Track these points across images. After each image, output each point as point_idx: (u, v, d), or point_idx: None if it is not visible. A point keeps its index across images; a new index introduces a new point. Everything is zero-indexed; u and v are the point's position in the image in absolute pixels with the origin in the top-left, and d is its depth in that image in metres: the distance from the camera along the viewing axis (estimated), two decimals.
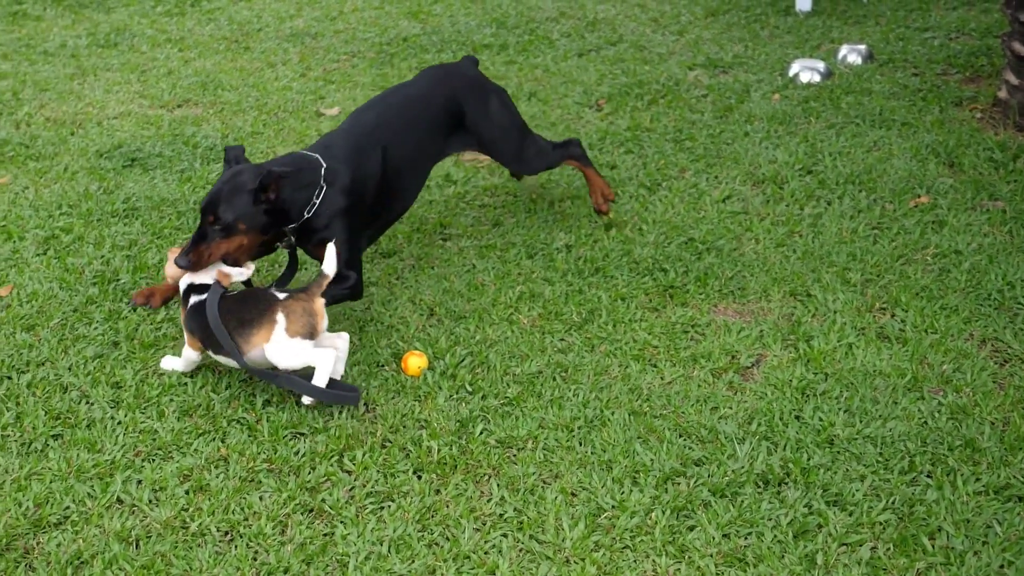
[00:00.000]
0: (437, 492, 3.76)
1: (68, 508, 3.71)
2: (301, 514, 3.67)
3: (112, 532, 3.59)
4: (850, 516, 3.59)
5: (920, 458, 3.82)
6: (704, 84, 7.58)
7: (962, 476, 3.73)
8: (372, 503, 3.71)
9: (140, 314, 4.81)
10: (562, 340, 4.62)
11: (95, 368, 4.43)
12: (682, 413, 4.11)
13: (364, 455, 3.91)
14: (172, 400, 4.23)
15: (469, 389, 4.28)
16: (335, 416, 4.12)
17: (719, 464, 3.83)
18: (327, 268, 4.23)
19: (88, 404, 4.22)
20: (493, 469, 3.86)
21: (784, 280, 4.98)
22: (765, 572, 3.40)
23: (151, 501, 3.74)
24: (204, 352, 4.27)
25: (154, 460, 3.92)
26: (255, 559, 3.50)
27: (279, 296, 4.14)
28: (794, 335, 4.57)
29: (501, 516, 3.65)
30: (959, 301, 4.76)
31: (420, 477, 3.83)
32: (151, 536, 3.58)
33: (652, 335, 4.62)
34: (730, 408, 4.14)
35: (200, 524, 3.62)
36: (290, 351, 4.08)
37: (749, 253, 5.24)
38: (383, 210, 4.79)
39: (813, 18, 8.99)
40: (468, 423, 4.08)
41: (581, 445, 3.96)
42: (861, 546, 3.47)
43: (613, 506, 3.66)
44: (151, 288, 4.92)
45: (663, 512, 3.61)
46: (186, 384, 4.32)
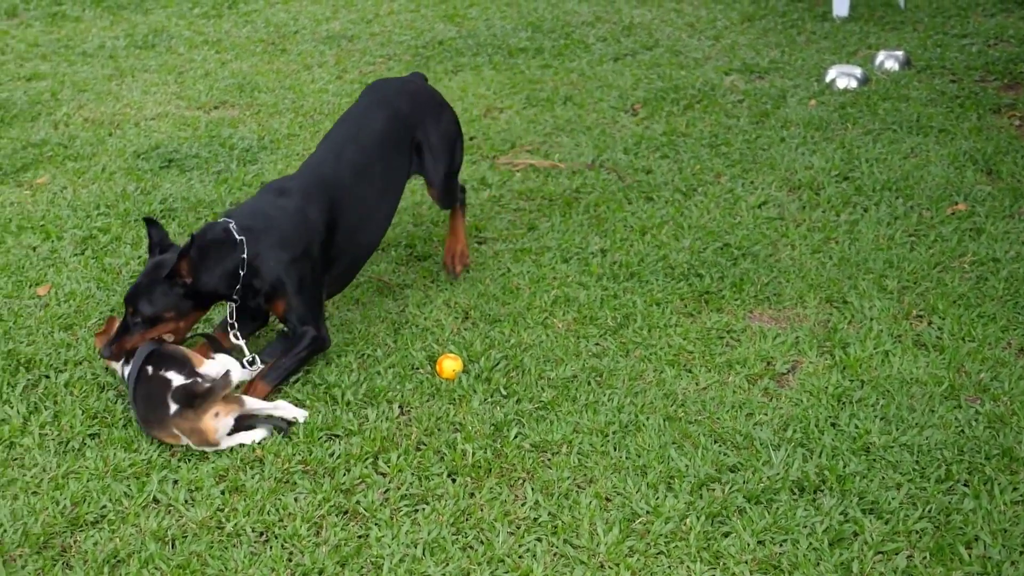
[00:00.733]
0: (471, 495, 3.77)
1: (105, 507, 3.73)
2: (336, 516, 3.68)
3: (148, 531, 3.61)
4: (886, 524, 3.56)
5: (957, 467, 3.80)
6: (740, 89, 7.56)
7: (999, 485, 3.70)
8: (406, 505, 3.72)
9: None
10: (597, 345, 4.61)
11: None
12: (717, 419, 4.10)
13: (399, 457, 3.92)
14: None
15: (504, 393, 4.28)
16: (370, 418, 4.13)
17: (754, 471, 3.81)
18: (235, 372, 4.13)
19: (125, 403, 4.24)
20: (527, 473, 3.86)
21: (820, 286, 4.96)
22: None
23: (187, 501, 3.76)
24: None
25: (190, 460, 3.94)
26: (290, 560, 3.51)
27: (170, 409, 3.94)
28: (830, 342, 4.55)
29: (535, 520, 3.65)
30: (997, 309, 4.72)
31: (454, 480, 3.84)
32: (187, 536, 3.60)
33: (687, 340, 4.60)
34: (765, 414, 4.12)
35: (235, 524, 3.63)
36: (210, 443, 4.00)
37: (785, 259, 5.22)
38: (343, 250, 4.58)
39: (850, 24, 8.94)
40: (503, 427, 4.08)
41: (615, 450, 3.96)
42: (897, 554, 3.45)
43: (647, 511, 3.65)
44: None
45: (698, 518, 3.60)
46: None
